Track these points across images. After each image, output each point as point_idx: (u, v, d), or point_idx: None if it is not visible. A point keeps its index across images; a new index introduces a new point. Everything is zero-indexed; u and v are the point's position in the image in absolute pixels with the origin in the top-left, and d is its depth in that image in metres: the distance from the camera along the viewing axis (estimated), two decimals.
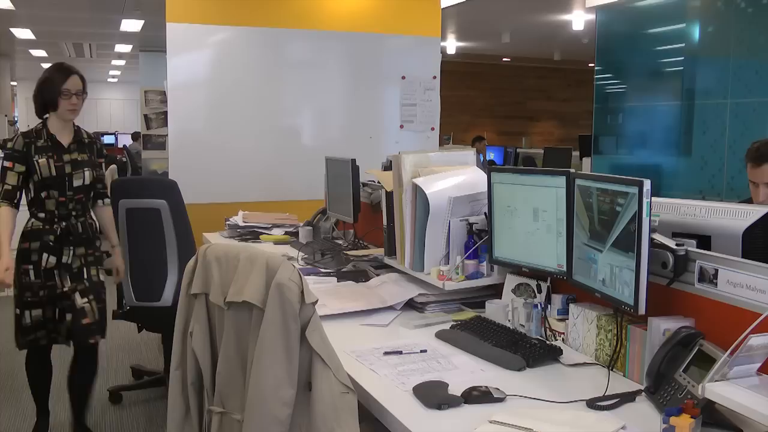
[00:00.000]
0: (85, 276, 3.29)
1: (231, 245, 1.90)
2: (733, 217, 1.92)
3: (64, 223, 3.23)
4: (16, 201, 3.17)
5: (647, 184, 1.72)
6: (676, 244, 1.83)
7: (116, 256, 3.51)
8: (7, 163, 3.13)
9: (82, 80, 3.30)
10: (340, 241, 3.72)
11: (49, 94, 3.20)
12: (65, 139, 3.26)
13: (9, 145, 3.23)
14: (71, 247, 3.25)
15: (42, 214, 3.21)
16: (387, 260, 2.84)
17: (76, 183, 3.23)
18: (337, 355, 1.73)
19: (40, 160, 3.15)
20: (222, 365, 1.82)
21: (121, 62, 15.20)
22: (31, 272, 3.21)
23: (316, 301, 1.72)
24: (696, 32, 5.98)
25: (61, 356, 4.65)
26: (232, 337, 1.79)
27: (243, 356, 1.78)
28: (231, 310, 1.78)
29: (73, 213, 3.25)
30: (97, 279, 3.33)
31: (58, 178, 3.18)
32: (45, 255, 3.21)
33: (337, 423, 1.68)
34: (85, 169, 3.27)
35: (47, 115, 3.27)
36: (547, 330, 2.18)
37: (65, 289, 3.22)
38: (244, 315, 1.76)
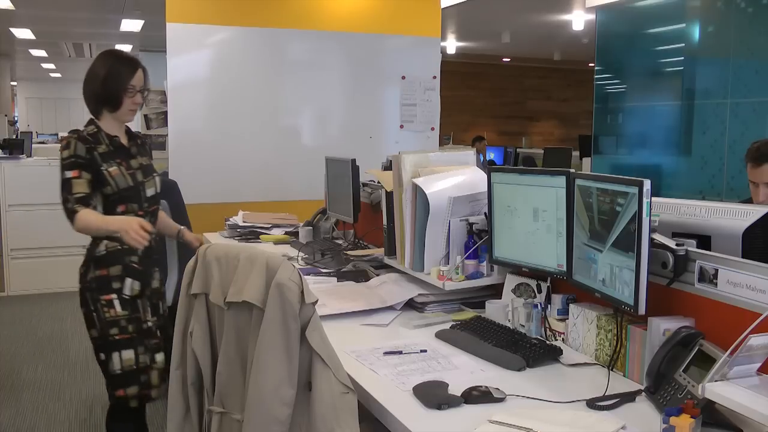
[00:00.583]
0: (161, 309, 2.80)
1: (231, 245, 1.91)
2: (733, 217, 1.92)
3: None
4: (92, 207, 2.56)
5: (647, 184, 1.72)
6: (676, 244, 1.83)
7: (186, 234, 3.06)
8: (70, 173, 2.55)
9: (145, 74, 2.72)
10: (340, 241, 3.72)
11: (113, 90, 2.63)
12: (124, 141, 2.74)
13: (66, 153, 2.58)
14: (155, 269, 2.77)
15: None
16: (387, 260, 2.84)
17: (149, 192, 2.74)
18: (337, 355, 1.73)
19: (110, 169, 2.59)
20: (222, 365, 1.82)
21: None
22: (116, 303, 2.61)
23: (316, 301, 1.72)
24: (696, 32, 5.98)
25: (63, 360, 4.63)
26: (233, 337, 1.79)
27: (243, 356, 1.78)
28: (231, 310, 1.78)
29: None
30: (166, 311, 2.85)
31: (134, 188, 2.65)
32: (129, 281, 2.64)
33: (337, 423, 1.68)
34: (155, 174, 2.81)
35: (98, 115, 2.72)
36: (547, 330, 2.18)
37: (149, 323, 2.69)
38: (244, 315, 1.76)
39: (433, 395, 1.70)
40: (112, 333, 2.60)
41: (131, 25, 9.48)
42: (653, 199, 1.74)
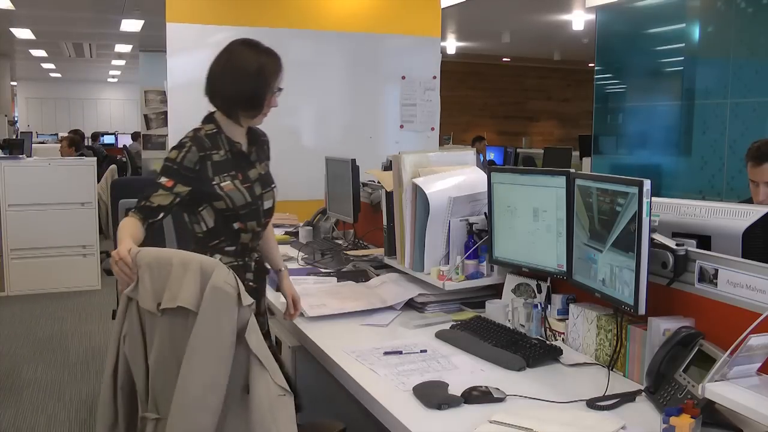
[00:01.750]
0: (266, 327, 2.39)
1: (162, 250, 1.83)
2: (733, 217, 1.92)
3: (256, 256, 2.34)
4: (152, 221, 2.11)
5: (647, 184, 1.72)
6: (676, 244, 1.83)
7: (285, 280, 2.44)
8: (164, 180, 2.13)
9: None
10: (340, 241, 3.72)
11: (261, 89, 2.26)
12: (244, 146, 2.35)
13: (173, 154, 2.18)
14: (265, 287, 2.41)
15: (233, 247, 2.25)
16: (387, 260, 2.84)
17: (267, 205, 2.33)
18: (274, 359, 1.73)
19: (224, 185, 2.19)
20: (156, 371, 1.76)
21: (121, 62, 15.20)
22: None
23: (252, 303, 1.69)
24: (696, 32, 5.99)
25: (63, 355, 4.64)
26: (167, 343, 1.73)
27: (179, 362, 1.72)
28: (165, 316, 1.72)
29: (258, 244, 2.36)
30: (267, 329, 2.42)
31: (252, 203, 2.25)
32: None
33: (275, 425, 1.66)
34: (273, 185, 2.40)
35: (214, 111, 2.33)
36: (547, 330, 2.18)
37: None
38: (179, 321, 1.71)
39: (433, 395, 1.70)
40: None
41: (131, 25, 9.48)
42: (653, 199, 1.74)
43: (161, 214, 2.12)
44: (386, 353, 2.04)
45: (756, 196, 2.81)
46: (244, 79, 2.24)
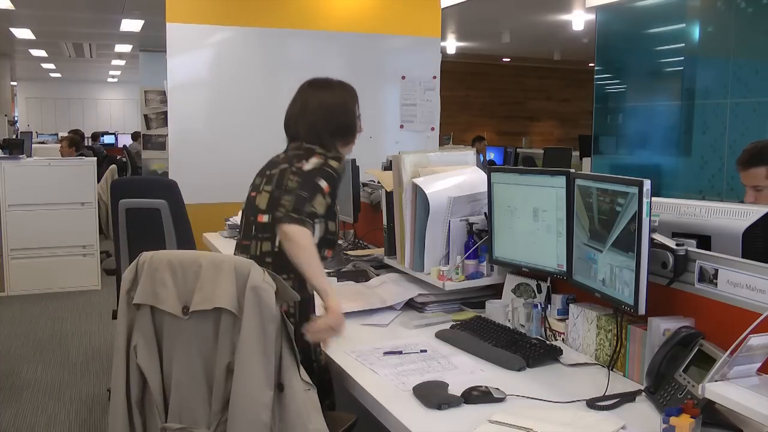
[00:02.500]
0: None
1: (182, 252, 1.80)
2: (733, 217, 1.92)
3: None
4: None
5: (647, 184, 1.72)
6: (676, 244, 1.83)
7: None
8: (324, 185, 2.06)
9: None
10: (340, 241, 3.72)
11: (353, 120, 2.33)
12: None
13: (336, 165, 2.14)
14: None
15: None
16: (387, 260, 2.84)
17: None
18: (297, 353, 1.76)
19: (337, 208, 2.18)
20: (179, 378, 1.73)
21: (121, 62, 15.21)
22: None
23: (294, 300, 1.75)
24: (696, 32, 5.99)
25: (63, 354, 4.64)
26: (193, 347, 1.71)
27: (207, 366, 1.71)
28: (191, 320, 1.70)
29: None
30: None
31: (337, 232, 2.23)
32: None
33: (309, 419, 1.70)
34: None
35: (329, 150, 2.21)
36: (547, 330, 2.18)
37: None
38: (208, 323, 1.69)
39: (433, 395, 1.70)
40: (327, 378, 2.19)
41: (131, 25, 9.48)
42: (653, 199, 1.74)
43: (317, 221, 2.05)
44: (386, 353, 2.04)
45: (748, 199, 2.82)
46: (345, 113, 2.31)
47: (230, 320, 1.67)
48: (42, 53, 13.98)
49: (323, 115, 2.26)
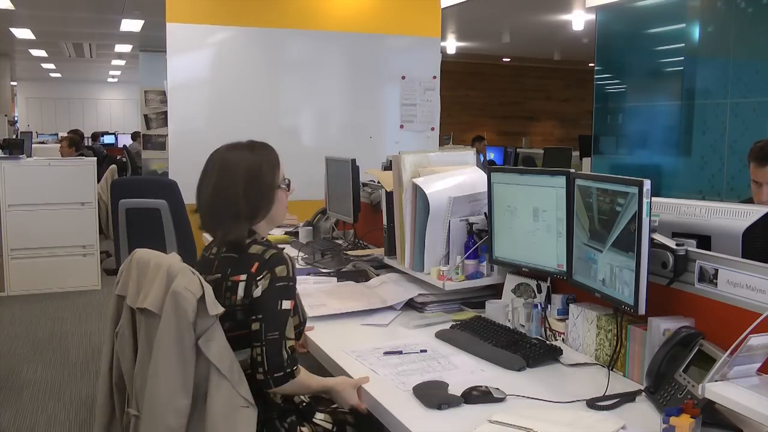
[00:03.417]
0: None
1: (149, 251, 1.85)
2: (733, 217, 1.92)
3: None
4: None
5: (647, 184, 1.72)
6: (676, 244, 1.83)
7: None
8: (288, 305, 1.83)
9: None
10: (340, 241, 3.72)
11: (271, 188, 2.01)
12: None
13: (282, 270, 1.86)
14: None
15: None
16: (387, 260, 2.84)
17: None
18: (241, 370, 1.73)
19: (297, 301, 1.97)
20: (138, 368, 1.78)
21: (121, 62, 15.20)
22: None
23: (219, 313, 1.69)
24: (696, 32, 5.99)
25: (63, 354, 4.64)
26: (145, 341, 1.76)
27: (148, 361, 1.75)
28: (143, 315, 1.75)
29: None
30: None
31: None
32: None
33: None
34: None
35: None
36: (547, 330, 2.18)
37: None
38: (152, 320, 1.72)
39: (433, 395, 1.70)
40: None
41: (131, 25, 9.48)
42: (653, 199, 1.74)
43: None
44: (386, 353, 2.04)
45: (758, 196, 2.80)
46: (253, 185, 1.95)
47: (157, 321, 1.70)
48: (42, 53, 13.98)
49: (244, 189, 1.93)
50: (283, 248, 1.93)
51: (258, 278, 1.82)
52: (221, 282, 1.85)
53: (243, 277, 1.83)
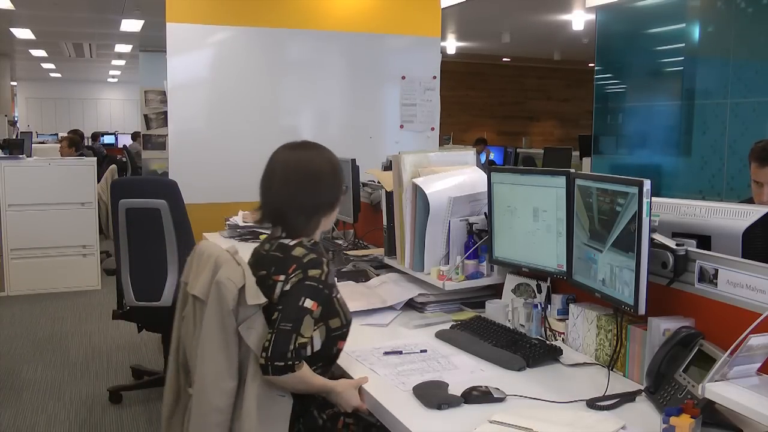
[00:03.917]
0: None
1: (211, 243, 1.98)
2: (733, 217, 1.92)
3: None
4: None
5: (647, 184, 1.72)
6: (676, 244, 1.83)
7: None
8: (310, 304, 1.82)
9: None
10: (340, 241, 3.72)
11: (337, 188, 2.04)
12: None
13: (314, 272, 1.86)
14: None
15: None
16: (387, 260, 2.84)
17: None
18: None
19: (339, 296, 1.99)
20: (197, 351, 1.87)
21: (121, 62, 15.21)
22: None
23: (262, 303, 1.77)
24: (696, 32, 5.99)
25: (63, 356, 4.64)
26: (200, 326, 1.86)
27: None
28: (198, 302, 1.87)
29: None
30: None
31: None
32: None
33: (261, 423, 1.73)
34: None
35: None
36: (547, 330, 2.18)
37: None
38: (202, 306, 1.84)
39: (433, 395, 1.70)
40: None
41: (131, 25, 9.48)
42: (653, 199, 1.74)
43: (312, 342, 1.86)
44: (386, 353, 2.04)
45: (759, 196, 2.80)
46: (322, 183, 1.99)
47: (205, 307, 1.81)
48: (42, 53, 13.98)
49: (306, 185, 1.97)
50: (328, 260, 1.90)
51: (291, 276, 1.85)
52: (265, 279, 1.90)
53: (281, 277, 1.87)
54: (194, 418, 1.81)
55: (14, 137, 11.28)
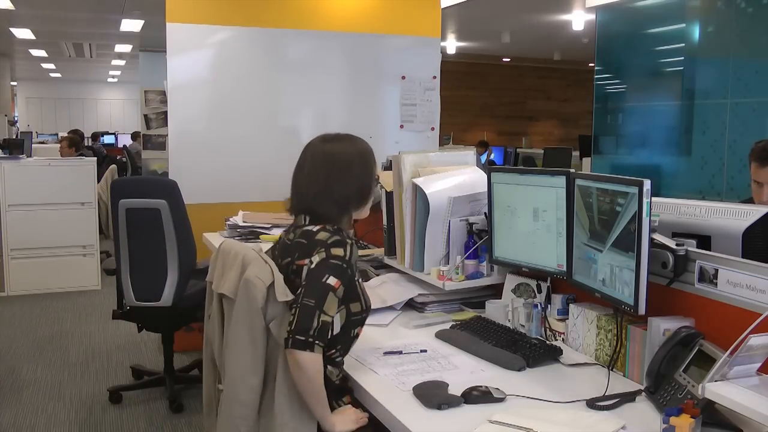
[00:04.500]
0: None
1: (236, 242, 2.04)
2: (733, 217, 1.92)
3: None
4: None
5: (647, 184, 1.72)
6: (676, 244, 1.83)
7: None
8: (334, 282, 1.79)
9: None
10: None
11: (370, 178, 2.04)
12: None
13: (337, 251, 1.84)
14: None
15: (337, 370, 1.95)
16: (387, 260, 2.84)
17: None
18: None
19: (360, 287, 1.98)
20: (223, 348, 1.95)
21: (121, 62, 15.21)
22: None
23: (290, 300, 1.77)
24: (696, 32, 5.99)
25: (63, 356, 4.65)
26: (227, 323, 1.91)
27: None
28: (225, 299, 1.92)
29: None
30: None
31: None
32: None
33: (292, 417, 1.76)
34: None
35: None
36: (547, 330, 2.18)
37: None
38: (230, 305, 1.88)
39: (433, 395, 1.70)
40: None
41: (131, 25, 9.48)
42: (653, 199, 1.74)
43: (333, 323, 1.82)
44: (386, 353, 2.04)
45: (759, 196, 2.80)
46: (351, 173, 1.98)
47: (233, 305, 1.85)
48: (42, 53, 13.98)
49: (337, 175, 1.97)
50: (352, 241, 1.89)
51: (314, 256, 1.83)
52: (288, 266, 1.91)
53: (306, 261, 1.84)
54: (222, 411, 1.87)
55: (14, 137, 11.28)
